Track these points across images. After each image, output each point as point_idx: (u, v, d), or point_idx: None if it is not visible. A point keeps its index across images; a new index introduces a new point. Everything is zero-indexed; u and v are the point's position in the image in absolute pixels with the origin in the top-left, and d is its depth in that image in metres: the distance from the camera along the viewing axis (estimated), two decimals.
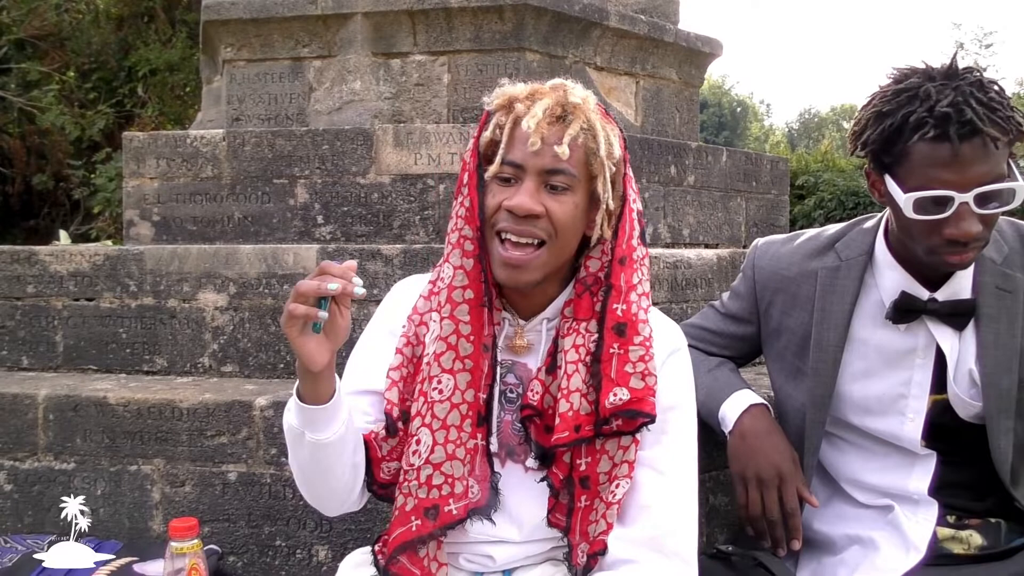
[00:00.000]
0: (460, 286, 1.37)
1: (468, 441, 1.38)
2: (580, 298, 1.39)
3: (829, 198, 7.83)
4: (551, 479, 1.40)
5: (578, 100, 1.35)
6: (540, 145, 1.30)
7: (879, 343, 1.65)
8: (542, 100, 1.34)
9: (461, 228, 1.38)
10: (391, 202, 2.71)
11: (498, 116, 1.37)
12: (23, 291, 2.59)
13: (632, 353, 1.36)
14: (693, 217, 3.09)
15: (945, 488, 1.62)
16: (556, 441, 1.35)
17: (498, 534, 1.44)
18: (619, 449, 1.36)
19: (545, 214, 1.31)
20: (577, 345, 1.37)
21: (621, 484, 1.36)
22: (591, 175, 1.35)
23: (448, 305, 1.38)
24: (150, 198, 2.86)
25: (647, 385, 1.35)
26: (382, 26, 3.03)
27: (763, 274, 1.80)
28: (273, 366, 2.45)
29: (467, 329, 1.37)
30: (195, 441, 2.14)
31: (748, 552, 1.63)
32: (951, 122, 1.41)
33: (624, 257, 1.37)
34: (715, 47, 3.66)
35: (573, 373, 1.36)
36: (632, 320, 1.36)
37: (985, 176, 1.43)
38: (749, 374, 2.15)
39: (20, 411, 2.23)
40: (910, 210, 1.47)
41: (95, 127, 9.66)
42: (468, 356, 1.38)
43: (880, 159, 1.53)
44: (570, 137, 1.31)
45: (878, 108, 1.51)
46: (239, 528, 2.11)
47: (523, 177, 1.33)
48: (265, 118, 3.15)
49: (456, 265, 1.38)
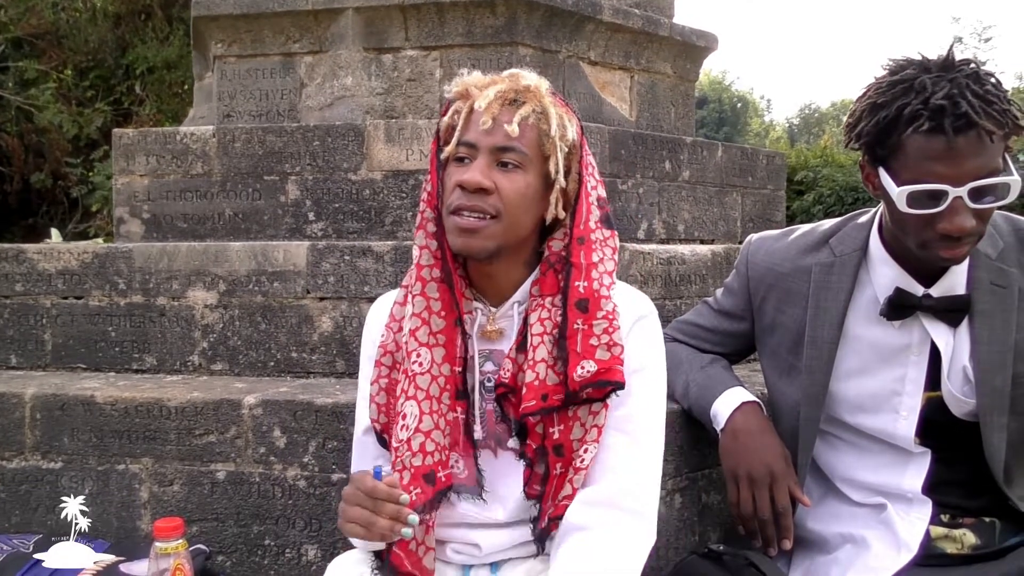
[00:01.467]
0: (427, 264, 1.44)
1: (448, 413, 1.43)
2: (545, 276, 1.43)
3: (828, 193, 7.80)
4: (524, 451, 1.43)
5: (531, 84, 1.41)
6: (491, 124, 1.36)
7: (873, 340, 1.63)
8: (496, 85, 1.41)
9: (423, 211, 1.46)
10: (383, 198, 2.69)
11: (456, 104, 1.43)
12: (11, 289, 2.57)
13: (596, 327, 1.39)
14: (688, 212, 3.07)
15: (939, 486, 1.60)
16: (524, 410, 1.38)
17: (484, 514, 1.47)
18: (590, 415, 1.40)
19: (495, 189, 1.36)
20: (543, 319, 1.41)
21: (589, 449, 1.40)
22: (544, 155, 1.40)
23: (419, 283, 1.44)
24: (140, 195, 2.83)
25: (613, 356, 1.39)
26: (373, 21, 3.01)
27: (757, 270, 1.78)
28: (263, 364, 2.43)
29: (437, 305, 1.43)
30: (183, 440, 2.12)
31: (740, 551, 1.61)
32: (946, 114, 1.38)
33: (583, 237, 1.42)
34: (711, 41, 3.63)
35: (539, 345, 1.40)
36: (594, 296, 1.40)
37: (980, 170, 1.41)
38: (743, 371, 2.13)
39: (7, 410, 2.21)
40: (903, 204, 1.44)
41: (93, 125, 9.64)
42: (440, 331, 1.43)
43: (874, 151, 1.51)
44: (520, 117, 1.37)
45: (873, 100, 1.49)
46: (228, 527, 2.09)
47: (476, 155, 1.38)
48: (256, 114, 3.12)
49: (421, 245, 1.45)
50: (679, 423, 1.95)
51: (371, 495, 1.29)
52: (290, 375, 2.41)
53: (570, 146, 1.41)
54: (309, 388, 2.22)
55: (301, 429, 2.06)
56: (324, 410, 2.05)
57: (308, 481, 2.06)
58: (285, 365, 2.42)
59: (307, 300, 2.42)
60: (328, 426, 2.05)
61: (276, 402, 2.08)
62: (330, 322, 2.39)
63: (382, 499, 1.29)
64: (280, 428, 2.07)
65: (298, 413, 2.07)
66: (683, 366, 1.87)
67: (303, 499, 2.06)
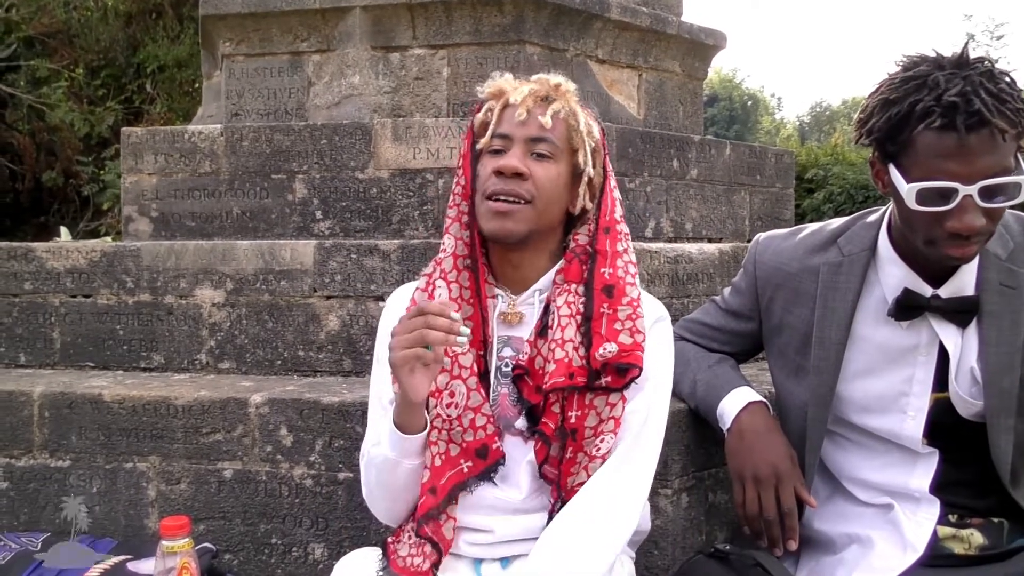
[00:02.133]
0: (461, 255, 1.52)
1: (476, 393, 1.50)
2: (570, 264, 1.51)
3: (839, 192, 7.75)
4: (542, 429, 1.48)
5: (560, 83, 1.52)
6: (526, 116, 1.47)
7: (881, 340, 1.62)
8: (528, 84, 1.52)
9: (459, 204, 1.54)
10: (390, 197, 2.69)
11: (490, 103, 1.53)
12: (20, 288, 2.58)
13: (621, 312, 1.46)
14: (696, 211, 3.06)
15: (947, 487, 1.59)
16: (552, 385, 1.43)
17: (500, 495, 1.51)
18: (607, 405, 1.45)
19: (530, 175, 1.46)
20: (569, 303, 1.48)
21: (606, 439, 1.46)
22: (573, 148, 1.50)
23: (454, 271, 1.52)
24: (148, 194, 2.85)
25: (635, 341, 1.45)
26: (381, 19, 3.01)
27: (764, 269, 1.77)
28: (270, 363, 2.43)
29: (468, 293, 1.52)
30: (191, 438, 2.13)
31: (746, 551, 1.61)
32: (958, 112, 1.37)
33: (608, 227, 1.51)
34: (719, 39, 3.62)
35: (567, 326, 1.46)
36: (619, 283, 1.48)
37: (991, 168, 1.39)
38: (750, 370, 2.12)
39: (16, 408, 2.22)
40: (912, 201, 1.43)
41: (104, 124, 9.70)
42: (470, 317, 1.50)
43: (885, 148, 1.50)
44: (553, 111, 1.48)
45: (885, 96, 1.47)
46: (235, 526, 2.10)
47: (511, 146, 1.48)
48: (264, 113, 3.13)
49: (456, 236, 1.53)
50: (686, 422, 1.94)
51: (422, 311, 1.35)
52: (297, 374, 2.42)
53: (595, 143, 1.52)
54: (316, 387, 2.22)
55: (308, 428, 2.07)
56: (331, 409, 2.05)
57: (315, 480, 2.06)
58: (292, 364, 2.42)
59: (314, 299, 2.42)
60: (335, 425, 2.05)
61: (283, 401, 2.09)
62: (337, 321, 2.40)
63: (434, 313, 1.34)
64: (287, 427, 2.08)
65: (305, 412, 2.07)
66: (690, 365, 1.86)
67: (309, 498, 2.06)
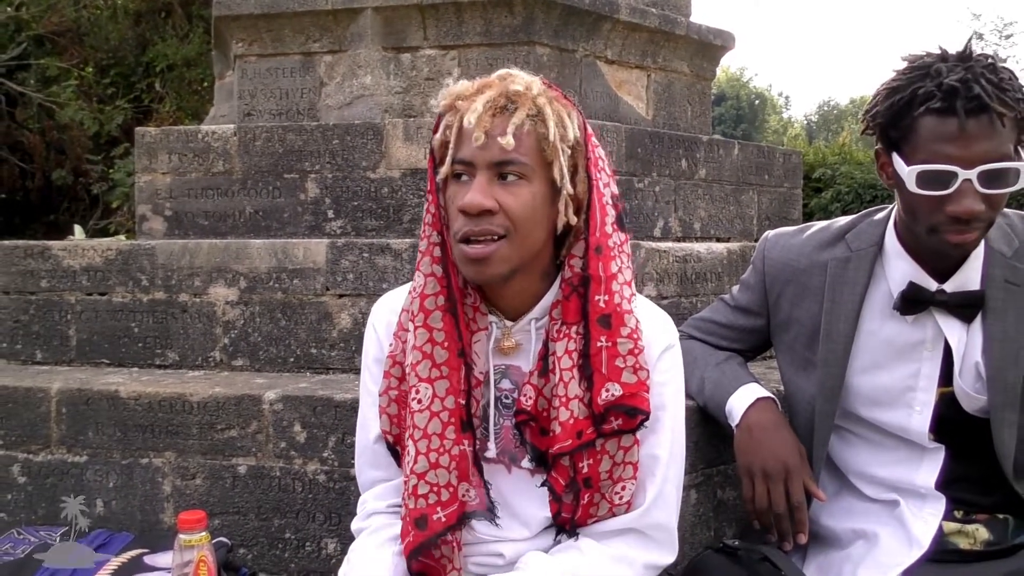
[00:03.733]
0: (432, 293, 1.36)
1: (452, 448, 1.37)
2: (568, 300, 1.35)
3: (846, 191, 7.76)
4: (552, 484, 1.39)
5: (521, 88, 1.30)
6: (484, 139, 1.27)
7: (888, 335, 1.64)
8: (484, 94, 1.30)
9: (429, 235, 1.38)
10: (401, 196, 2.71)
11: (447, 117, 1.33)
12: (37, 286, 2.61)
13: (621, 346, 1.34)
14: (704, 211, 3.08)
15: (953, 482, 1.61)
16: (559, 450, 1.34)
17: (507, 535, 1.44)
18: (619, 449, 1.36)
19: (499, 208, 1.28)
20: (570, 351, 1.35)
21: (627, 486, 1.38)
22: (546, 161, 1.30)
23: (421, 314, 1.37)
24: (162, 193, 2.88)
25: (639, 380, 1.35)
26: (392, 20, 3.03)
27: (773, 266, 1.79)
28: (283, 360, 2.46)
29: (440, 336, 1.36)
30: (205, 434, 2.16)
31: (755, 547, 1.63)
32: (958, 96, 1.41)
33: (599, 246, 1.33)
34: (727, 40, 3.63)
35: (570, 380, 1.34)
36: (616, 311, 1.34)
37: (990, 154, 1.42)
38: (759, 368, 2.14)
39: (33, 404, 2.25)
40: (913, 184, 1.46)
41: (113, 122, 9.73)
42: (444, 363, 1.36)
43: (888, 134, 1.53)
44: (514, 126, 1.27)
45: (890, 84, 1.53)
46: (249, 521, 2.13)
47: (475, 173, 1.29)
48: (276, 113, 3.15)
49: (427, 273, 1.37)
50: (694, 419, 1.96)
51: None
52: (310, 371, 2.44)
53: (572, 146, 1.32)
54: (328, 384, 2.25)
55: (321, 424, 2.09)
56: (343, 405, 2.08)
57: (328, 475, 2.09)
58: (305, 361, 2.45)
59: (326, 297, 2.45)
60: (347, 421, 2.07)
61: (296, 398, 2.11)
62: (349, 319, 2.42)
63: None
64: (300, 423, 2.10)
65: (318, 408, 2.10)
66: (698, 363, 1.88)
67: (323, 493, 2.09)
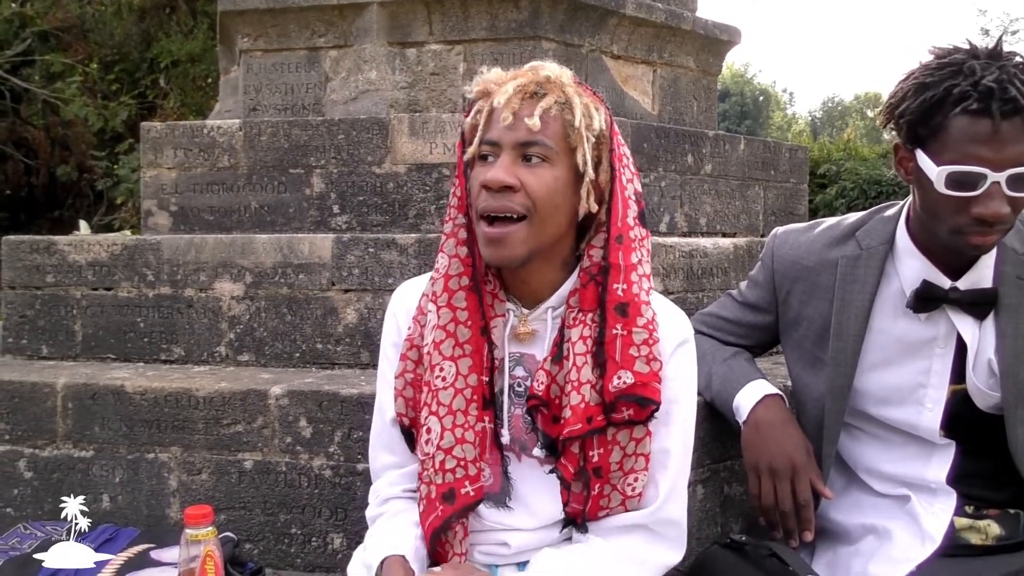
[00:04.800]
0: (456, 274, 1.40)
1: (476, 424, 1.40)
2: (585, 288, 1.37)
3: (851, 187, 7.76)
4: (561, 471, 1.39)
5: (551, 74, 1.35)
6: (512, 119, 1.31)
7: (899, 333, 1.63)
8: (516, 80, 1.35)
9: (454, 217, 1.42)
10: (407, 191, 2.71)
11: (478, 103, 1.38)
12: (43, 281, 2.61)
13: (636, 335, 1.35)
14: (710, 206, 3.07)
15: (964, 478, 1.60)
16: (569, 433, 1.35)
17: (514, 523, 1.45)
18: (631, 440, 1.36)
19: (520, 187, 1.31)
20: (584, 337, 1.36)
21: (639, 478, 1.38)
22: (571, 147, 1.34)
23: (445, 294, 1.40)
24: (168, 188, 2.87)
25: (652, 370, 1.35)
26: (398, 15, 3.03)
27: (782, 263, 1.78)
28: (289, 355, 2.46)
29: (464, 316, 1.39)
30: (211, 430, 2.15)
31: (762, 542, 1.62)
32: (994, 98, 1.39)
33: (620, 235, 1.36)
34: (733, 35, 3.62)
35: (583, 365, 1.35)
36: (634, 300, 1.36)
37: (1021, 157, 1.41)
38: (766, 363, 2.13)
39: (40, 399, 2.25)
40: (941, 184, 1.44)
41: (118, 118, 9.76)
42: (467, 341, 1.39)
43: (915, 132, 1.50)
44: (542, 109, 1.31)
45: (920, 80, 1.48)
46: (255, 516, 2.13)
47: (500, 153, 1.33)
48: (282, 108, 3.15)
49: (451, 254, 1.41)
50: (701, 414, 1.94)
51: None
52: (315, 366, 2.44)
53: (597, 136, 1.35)
54: (334, 379, 2.25)
55: (327, 419, 2.09)
56: (349, 401, 2.08)
57: (334, 471, 2.09)
58: (310, 356, 2.45)
59: (332, 292, 2.44)
60: (353, 416, 2.07)
61: (302, 393, 2.11)
62: (355, 314, 2.42)
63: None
64: (306, 418, 2.10)
65: (324, 404, 2.09)
66: (706, 358, 1.87)
67: (329, 488, 2.09)
